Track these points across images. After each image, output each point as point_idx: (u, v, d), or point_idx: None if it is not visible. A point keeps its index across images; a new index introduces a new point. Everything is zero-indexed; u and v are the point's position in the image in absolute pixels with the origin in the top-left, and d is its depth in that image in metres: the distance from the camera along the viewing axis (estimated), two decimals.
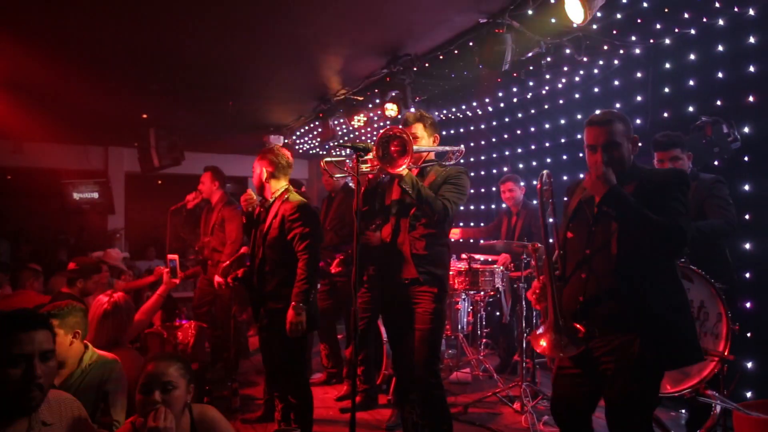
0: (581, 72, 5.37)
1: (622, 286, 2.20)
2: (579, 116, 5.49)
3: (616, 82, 5.08)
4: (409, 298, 2.98)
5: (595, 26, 4.22)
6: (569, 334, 2.24)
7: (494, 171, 6.87)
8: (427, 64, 5.16)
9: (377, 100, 6.06)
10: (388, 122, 6.98)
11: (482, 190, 7.07)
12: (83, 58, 5.12)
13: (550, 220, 2.47)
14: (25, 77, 5.55)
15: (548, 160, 6.01)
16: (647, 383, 2.17)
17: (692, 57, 4.33)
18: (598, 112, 2.42)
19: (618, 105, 5.03)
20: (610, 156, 2.27)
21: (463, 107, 6.97)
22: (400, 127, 2.90)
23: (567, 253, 2.43)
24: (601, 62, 5.10)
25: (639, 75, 4.83)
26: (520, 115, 6.42)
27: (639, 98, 4.82)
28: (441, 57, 4.95)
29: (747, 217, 3.80)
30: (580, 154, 3.62)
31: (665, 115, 4.57)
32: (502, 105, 6.60)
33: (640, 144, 2.38)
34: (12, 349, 1.77)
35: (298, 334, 3.10)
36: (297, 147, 9.58)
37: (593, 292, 2.27)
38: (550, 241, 2.44)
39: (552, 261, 2.38)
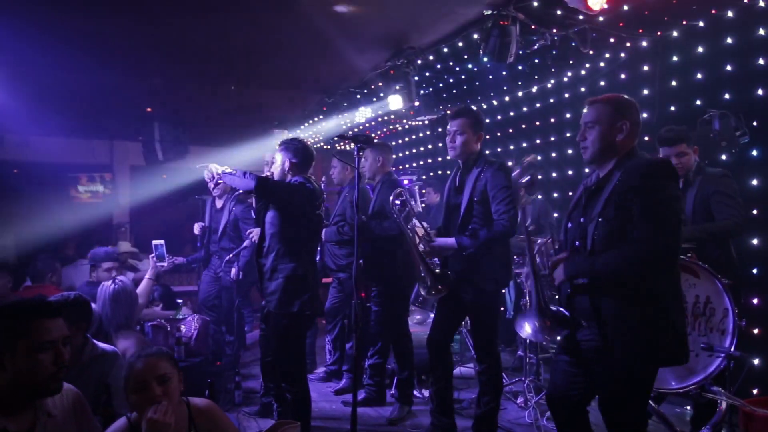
0: (587, 65, 5.31)
1: (595, 281, 2.16)
2: (585, 110, 5.43)
3: (623, 76, 5.02)
4: (458, 289, 3.35)
5: (601, 18, 4.16)
6: (554, 317, 2.25)
7: None
8: (431, 57, 5.13)
9: (381, 93, 6.03)
10: (392, 115, 6.96)
11: None
12: (87, 49, 5.11)
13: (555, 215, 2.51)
14: (31, 71, 5.55)
15: (553, 155, 5.95)
16: (630, 381, 2.11)
17: (700, 49, 4.27)
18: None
19: None
20: (585, 133, 2.35)
21: (468, 101, 6.91)
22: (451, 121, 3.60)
23: (568, 243, 2.40)
24: (607, 55, 5.05)
25: (646, 68, 4.77)
26: (525, 109, 6.36)
27: (646, 92, 4.76)
28: (445, 49, 4.91)
29: (755, 212, 3.75)
30: None
31: (672, 108, 4.51)
32: (507, 99, 6.54)
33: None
34: (42, 336, 1.84)
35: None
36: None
37: (577, 284, 2.24)
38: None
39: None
